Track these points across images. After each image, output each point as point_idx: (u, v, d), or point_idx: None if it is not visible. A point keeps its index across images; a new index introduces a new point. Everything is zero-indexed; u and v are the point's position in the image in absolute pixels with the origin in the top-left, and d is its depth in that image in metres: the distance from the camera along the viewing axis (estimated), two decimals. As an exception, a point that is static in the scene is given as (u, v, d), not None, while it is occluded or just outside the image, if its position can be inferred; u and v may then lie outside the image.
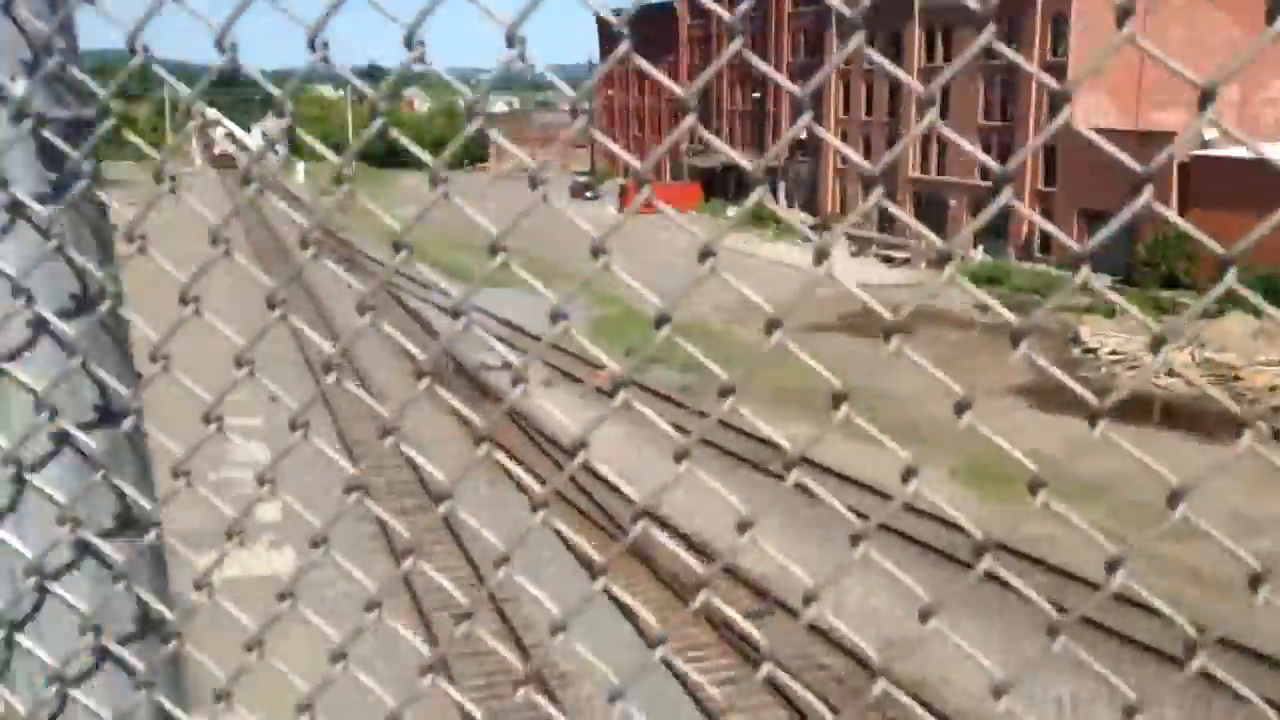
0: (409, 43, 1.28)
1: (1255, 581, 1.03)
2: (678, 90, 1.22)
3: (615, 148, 1.38)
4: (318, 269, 1.53)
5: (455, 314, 1.36)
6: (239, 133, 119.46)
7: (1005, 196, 1.06)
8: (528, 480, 1.53)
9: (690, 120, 1.23)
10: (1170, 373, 34.51)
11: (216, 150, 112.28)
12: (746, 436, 25.13)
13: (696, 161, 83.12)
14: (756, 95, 75.37)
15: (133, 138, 1.92)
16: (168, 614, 1.58)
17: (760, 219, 68.81)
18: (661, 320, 1.27)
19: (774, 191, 72.81)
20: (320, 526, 1.48)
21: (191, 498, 1.58)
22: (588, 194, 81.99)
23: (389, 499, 23.03)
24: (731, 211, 71.54)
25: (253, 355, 1.48)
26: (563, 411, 27.83)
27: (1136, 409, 29.28)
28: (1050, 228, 1.21)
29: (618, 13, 1.24)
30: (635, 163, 1.27)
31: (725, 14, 1.24)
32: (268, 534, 19.97)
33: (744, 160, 1.26)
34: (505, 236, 1.35)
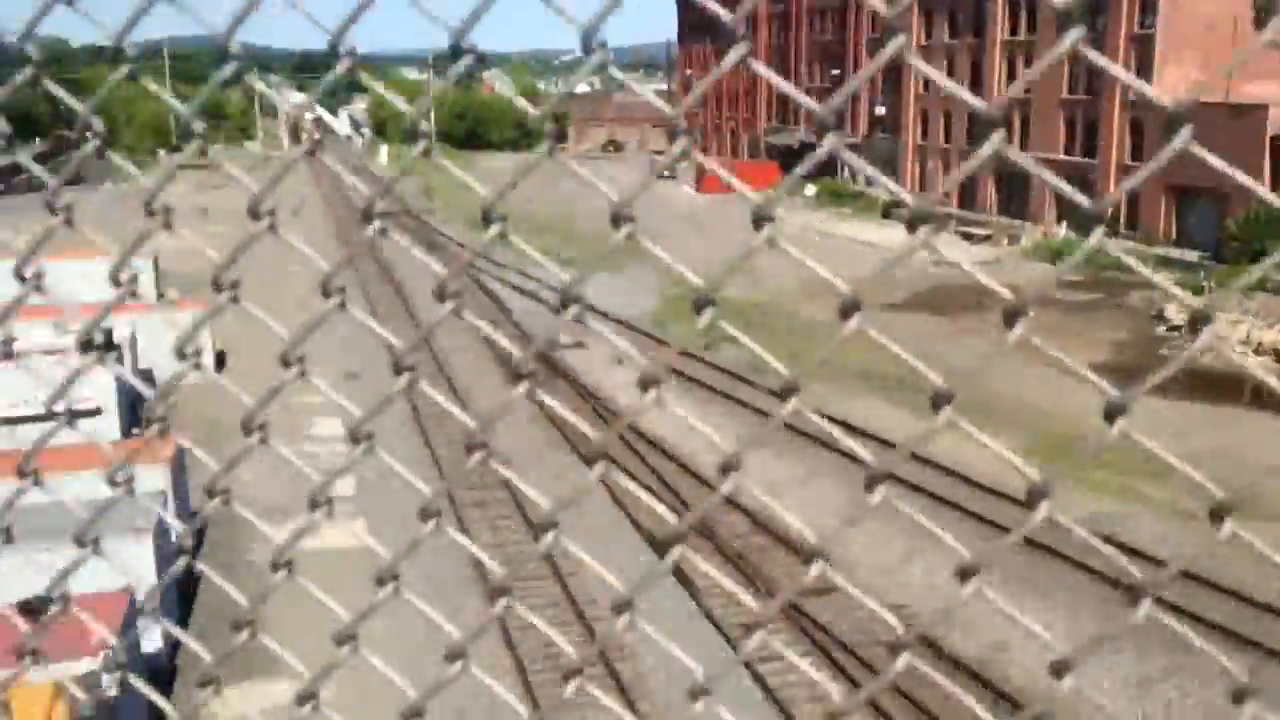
0: (456, 50, 1.27)
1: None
2: (669, 109, 1.20)
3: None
4: (401, 253, 1.55)
5: (563, 303, 1.30)
6: (328, 117, 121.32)
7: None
8: (659, 509, 1.52)
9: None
10: (1257, 350, 33.40)
11: (304, 137, 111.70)
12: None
13: (773, 139, 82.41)
14: (835, 71, 74.39)
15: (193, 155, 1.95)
16: (241, 598, 1.59)
17: (839, 196, 68.06)
18: (702, 304, 1.22)
19: (852, 170, 71.77)
20: (390, 560, 1.45)
21: (274, 475, 1.61)
22: (665, 173, 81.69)
23: (479, 522, 21.83)
24: (810, 190, 70.38)
25: (301, 353, 1.48)
26: (629, 383, 27.82)
27: (1227, 388, 28.30)
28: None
29: None
30: (667, 109, 1.23)
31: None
32: (344, 506, 20.38)
33: (811, 103, 1.19)
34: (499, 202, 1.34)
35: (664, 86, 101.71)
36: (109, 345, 24.11)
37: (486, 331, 1.67)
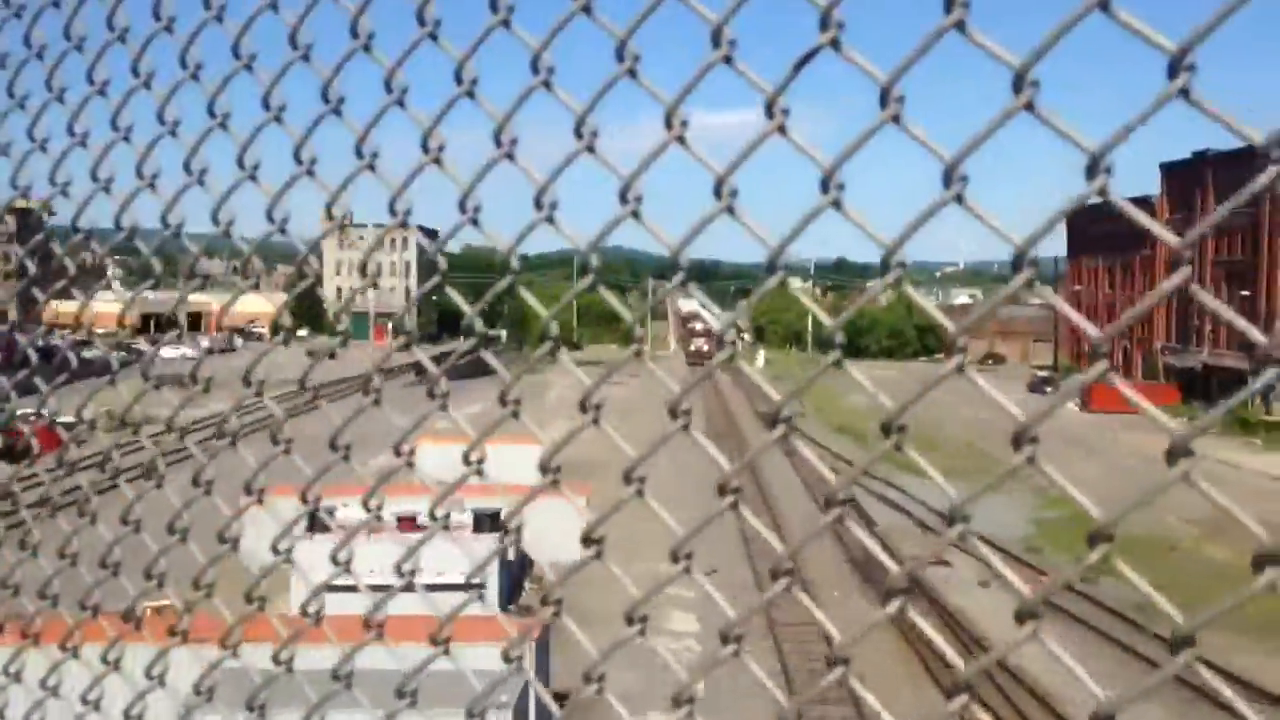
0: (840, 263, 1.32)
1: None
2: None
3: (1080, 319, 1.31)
4: (771, 456, 1.57)
5: (951, 520, 1.29)
6: (710, 319, 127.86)
7: None
8: None
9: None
10: None
11: (692, 346, 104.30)
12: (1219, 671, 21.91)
13: (1173, 360, 76.73)
14: (1245, 293, 68.76)
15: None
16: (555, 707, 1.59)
17: (1246, 424, 61.63)
18: (1098, 538, 1.13)
19: (1265, 396, 65.01)
20: None
21: (632, 660, 1.64)
22: (1047, 389, 78.19)
23: None
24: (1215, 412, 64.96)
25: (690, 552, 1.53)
26: (1000, 616, 26.00)
27: None
28: None
29: (1089, 209, 1.19)
30: (1091, 329, 1.18)
31: (1169, 237, 1.16)
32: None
33: (1089, 326, 1.14)
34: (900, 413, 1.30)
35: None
36: (496, 524, 26.03)
37: (867, 544, 1.64)
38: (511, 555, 27.75)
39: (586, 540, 1.60)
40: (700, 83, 1.53)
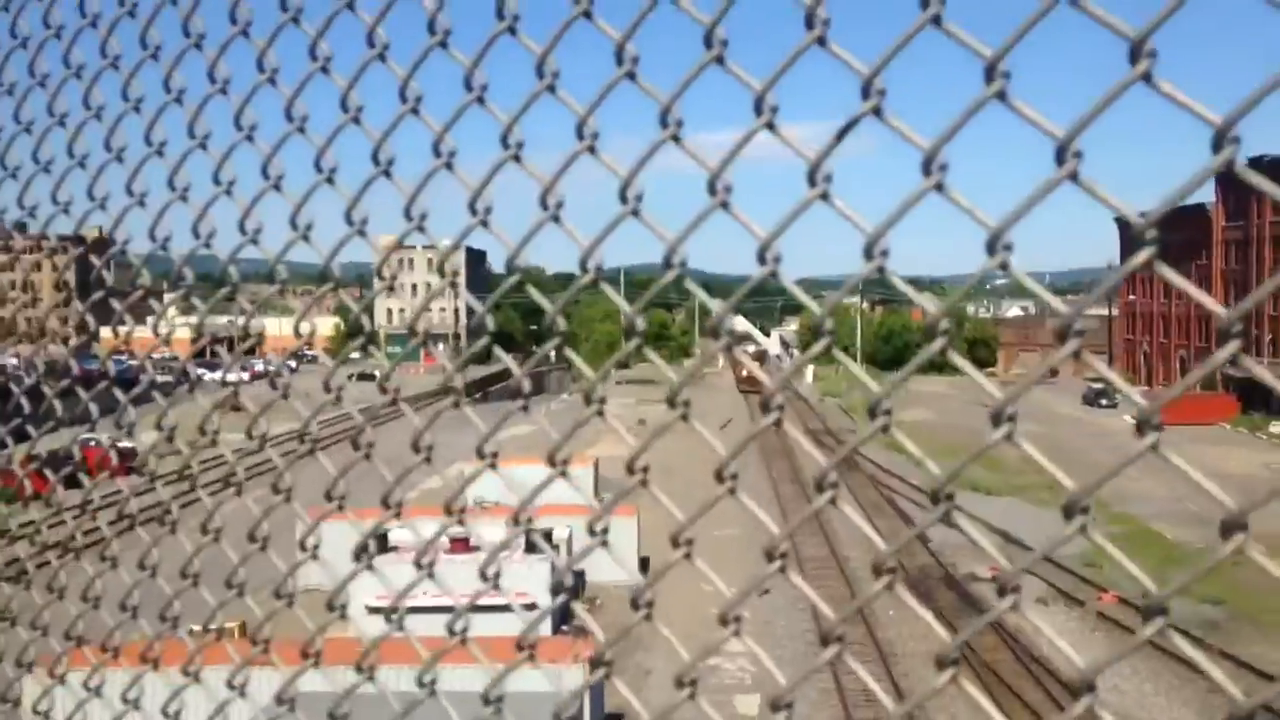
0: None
1: None
2: (1216, 307, 1.11)
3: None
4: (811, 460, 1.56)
5: (934, 498, 1.31)
6: (760, 337, 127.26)
7: None
8: None
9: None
10: None
11: (743, 371, 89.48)
12: None
13: (1232, 370, 75.15)
14: (1307, 299, 67.17)
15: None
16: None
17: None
18: (1072, 510, 1.11)
19: (1330, 406, 63.37)
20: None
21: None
22: (1102, 401, 76.94)
23: None
24: (1276, 426, 63.05)
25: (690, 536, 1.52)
26: (1058, 634, 25.59)
27: None
28: None
29: (1143, 215, 1.17)
30: (1219, 307, 1.16)
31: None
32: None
33: (1217, 306, 1.12)
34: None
35: (1104, 311, 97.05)
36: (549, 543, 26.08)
37: (858, 523, 1.62)
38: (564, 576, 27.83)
39: (674, 542, 1.62)
40: (693, 87, 1.59)
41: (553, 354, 1.96)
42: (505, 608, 2.00)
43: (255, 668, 2.46)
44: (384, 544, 24.25)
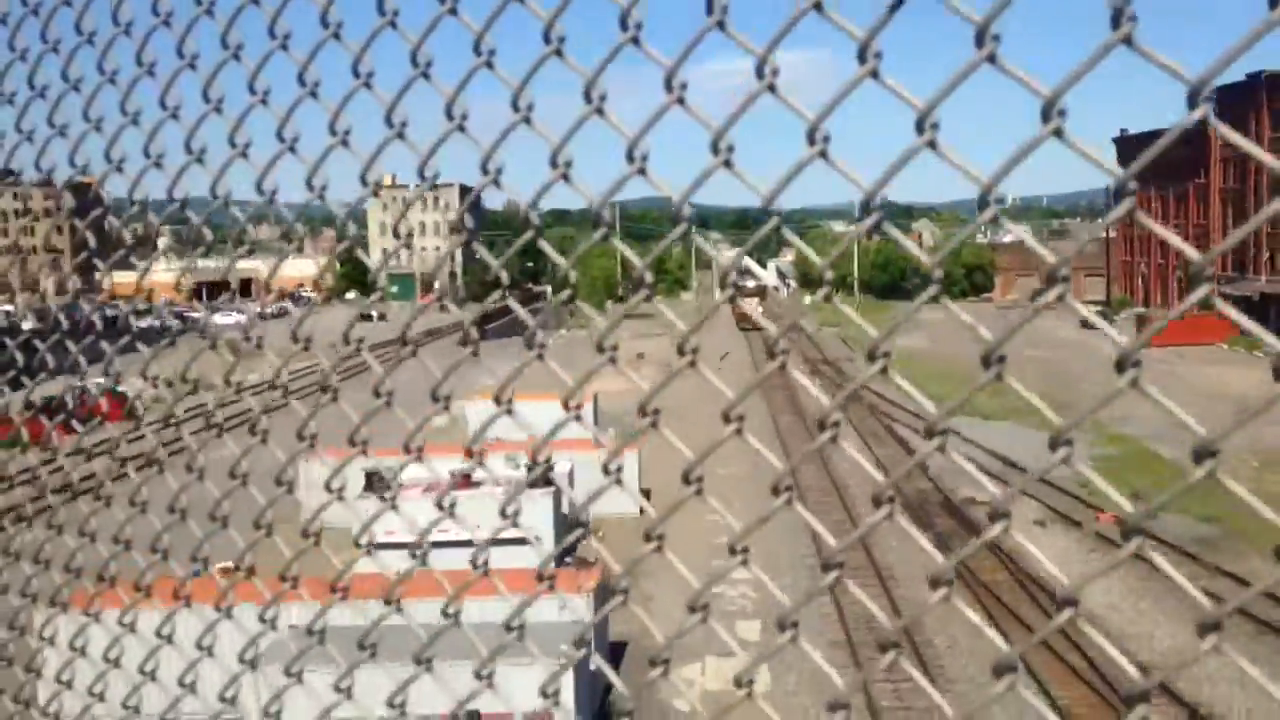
0: (865, 205, 1.35)
1: None
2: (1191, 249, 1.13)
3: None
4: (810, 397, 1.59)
5: (929, 433, 1.36)
6: (756, 269, 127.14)
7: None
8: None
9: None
10: None
11: (739, 309, 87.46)
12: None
13: (1228, 289, 75.32)
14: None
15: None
16: None
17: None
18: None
19: (1327, 323, 63.57)
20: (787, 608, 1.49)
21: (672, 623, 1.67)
22: (1093, 325, 77.12)
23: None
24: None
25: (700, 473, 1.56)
26: (1056, 557, 25.94)
27: None
28: None
29: (1139, 138, 1.19)
30: (1192, 252, 1.19)
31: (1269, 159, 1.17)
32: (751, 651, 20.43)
33: (1190, 250, 1.19)
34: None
35: (1102, 234, 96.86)
36: (548, 480, 26.31)
37: (856, 458, 1.66)
38: (566, 509, 28.18)
39: (685, 479, 1.68)
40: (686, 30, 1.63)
41: (549, 290, 1.98)
42: (515, 541, 2.03)
43: (282, 602, 2.52)
44: (385, 483, 24.45)
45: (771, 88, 1.56)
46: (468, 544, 1.97)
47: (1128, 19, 1.25)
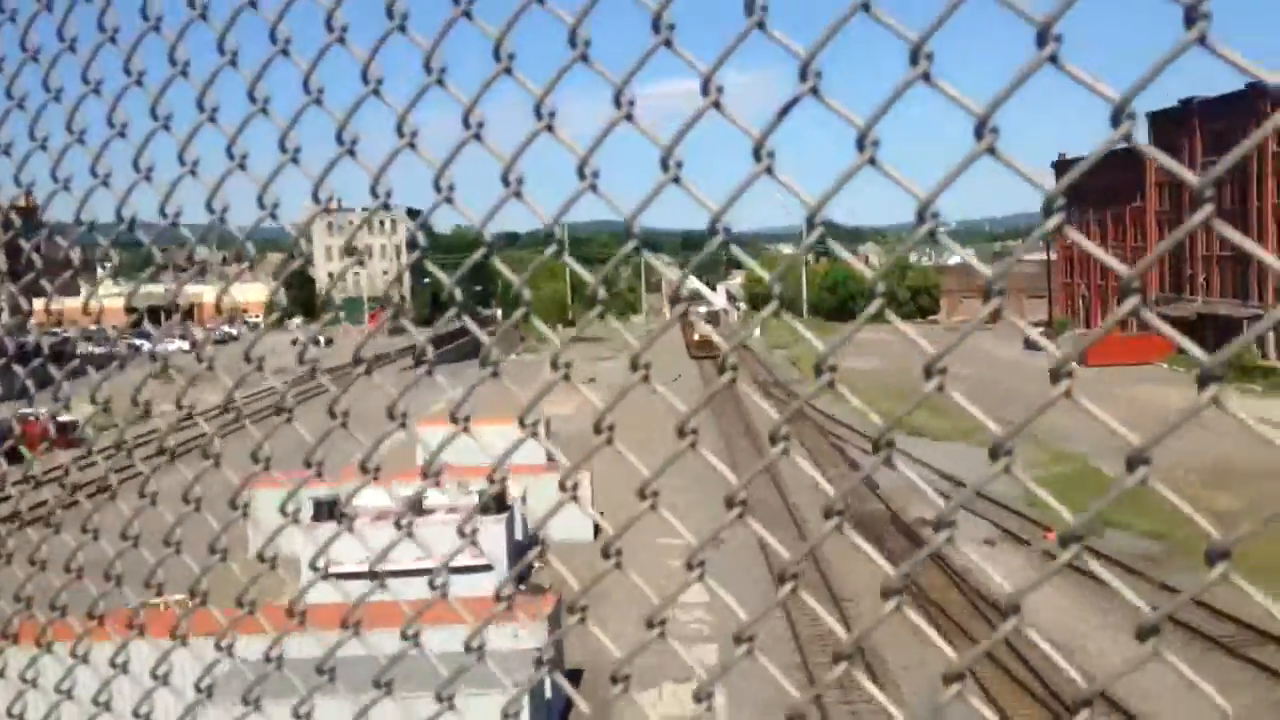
0: (809, 222, 1.36)
1: None
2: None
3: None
4: (762, 413, 1.60)
5: (876, 446, 1.39)
6: (706, 292, 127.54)
7: None
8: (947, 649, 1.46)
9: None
10: None
11: (696, 335, 77.62)
12: (1225, 617, 22.21)
13: (1166, 310, 76.90)
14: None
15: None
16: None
17: (1245, 371, 61.80)
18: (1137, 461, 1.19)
19: (1261, 342, 65.23)
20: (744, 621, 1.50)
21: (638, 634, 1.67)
22: (1040, 346, 78.39)
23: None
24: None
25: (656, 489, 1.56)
26: (1005, 575, 26.21)
27: None
28: None
29: (1075, 162, 1.23)
30: (1120, 266, 1.22)
31: (1190, 177, 1.22)
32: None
33: (1117, 264, 1.24)
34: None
35: (1038, 250, 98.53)
36: (502, 505, 26.11)
37: (807, 470, 1.68)
38: (520, 535, 27.98)
39: (641, 494, 1.68)
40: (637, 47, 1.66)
41: (499, 314, 1.98)
42: (471, 569, 2.02)
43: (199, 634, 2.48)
44: (333, 511, 24.16)
45: (717, 105, 1.59)
46: (421, 573, 1.95)
47: (1053, 39, 1.29)
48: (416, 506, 2.05)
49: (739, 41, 1.54)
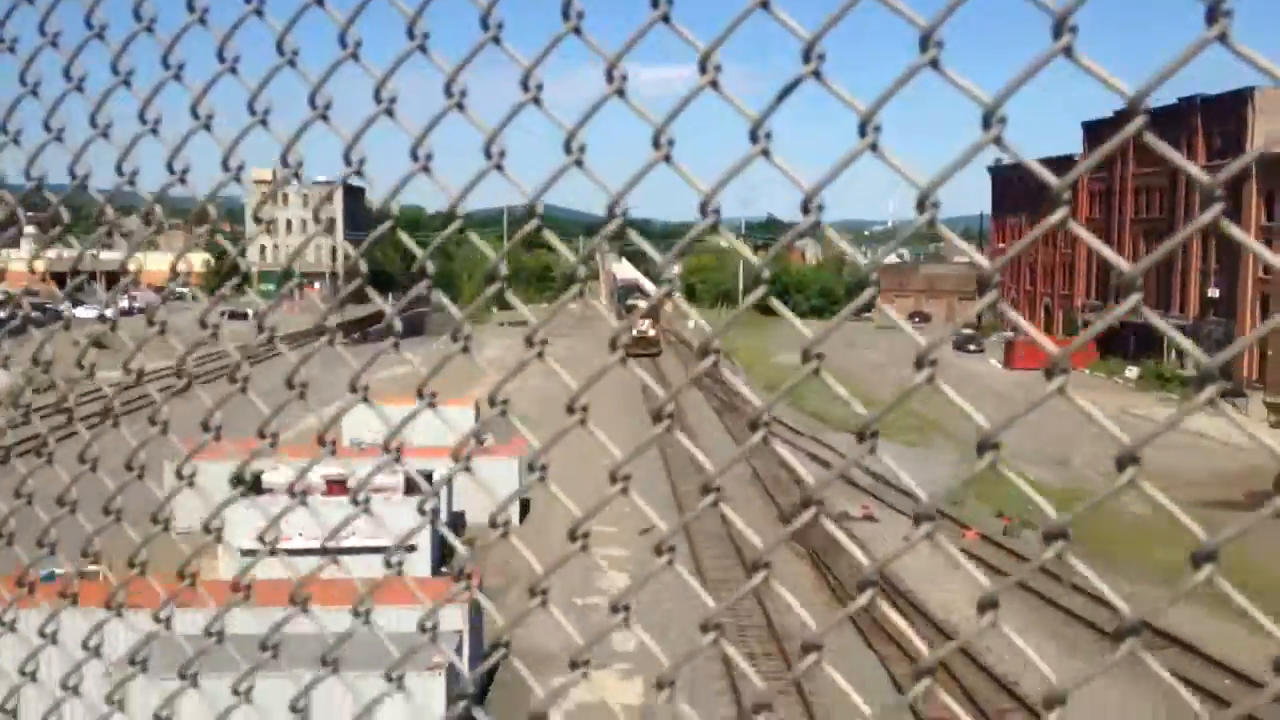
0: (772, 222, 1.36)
1: None
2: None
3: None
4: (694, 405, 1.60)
5: (753, 426, 1.41)
6: (644, 281, 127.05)
7: None
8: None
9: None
10: None
11: (634, 331, 66.89)
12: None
13: (1092, 317, 78.70)
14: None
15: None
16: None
17: (1164, 380, 63.50)
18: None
19: (1180, 354, 67.01)
20: (669, 666, 1.50)
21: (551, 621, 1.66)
22: (970, 347, 79.76)
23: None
24: (1132, 372, 66.21)
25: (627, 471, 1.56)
26: (922, 570, 26.66)
27: None
28: None
29: (1013, 167, 1.25)
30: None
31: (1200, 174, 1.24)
32: (620, 663, 20.47)
33: (1121, 261, 1.27)
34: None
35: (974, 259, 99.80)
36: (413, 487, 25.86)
37: (789, 461, 1.69)
38: (444, 517, 27.76)
39: (530, 468, 1.68)
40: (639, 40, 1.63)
41: (432, 295, 1.96)
42: (385, 548, 2.00)
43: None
44: (258, 487, 23.82)
45: (714, 84, 1.56)
46: (360, 551, 1.92)
47: (934, 44, 1.31)
48: (337, 485, 2.02)
49: (743, 18, 1.52)
